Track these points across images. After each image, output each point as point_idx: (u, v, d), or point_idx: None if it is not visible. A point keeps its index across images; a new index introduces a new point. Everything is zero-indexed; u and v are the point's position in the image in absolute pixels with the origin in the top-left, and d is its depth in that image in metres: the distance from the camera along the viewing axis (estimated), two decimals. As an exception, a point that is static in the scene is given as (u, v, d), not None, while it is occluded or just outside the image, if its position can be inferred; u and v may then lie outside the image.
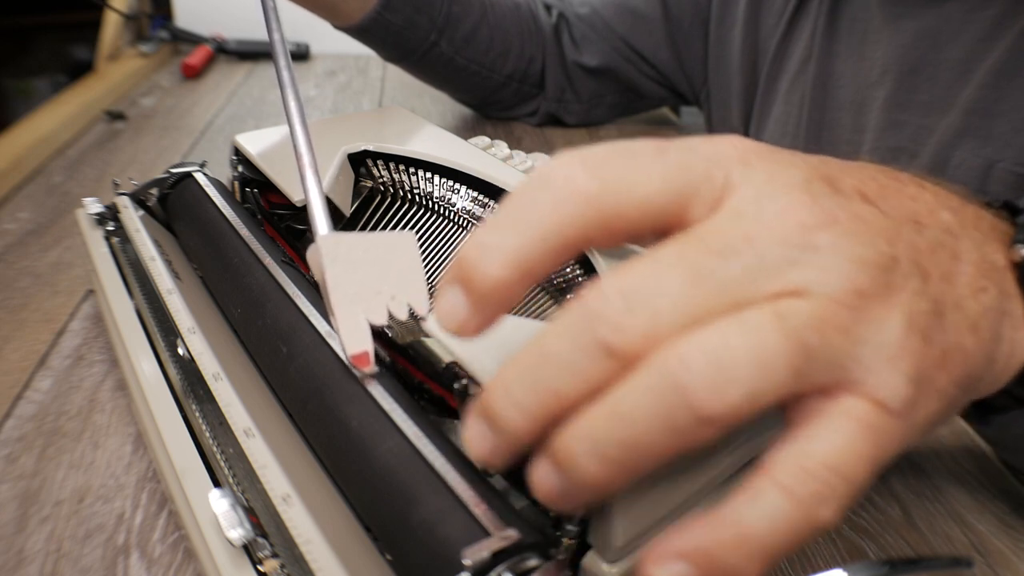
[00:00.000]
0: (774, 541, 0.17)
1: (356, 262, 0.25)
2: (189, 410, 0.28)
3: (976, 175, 0.44)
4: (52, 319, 0.40)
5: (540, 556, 0.20)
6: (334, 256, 0.24)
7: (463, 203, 0.39)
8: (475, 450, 0.18)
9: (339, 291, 0.24)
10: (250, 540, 0.22)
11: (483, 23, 0.65)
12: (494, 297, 0.18)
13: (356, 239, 0.25)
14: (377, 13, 0.58)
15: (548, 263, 0.18)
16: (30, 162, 0.59)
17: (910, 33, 0.48)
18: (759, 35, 0.61)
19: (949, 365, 0.19)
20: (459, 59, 0.65)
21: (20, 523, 0.28)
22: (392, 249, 0.25)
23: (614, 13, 0.69)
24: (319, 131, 0.42)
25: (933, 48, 0.47)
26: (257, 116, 0.74)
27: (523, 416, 0.17)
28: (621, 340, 0.16)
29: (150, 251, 0.35)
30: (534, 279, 0.18)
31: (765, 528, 0.17)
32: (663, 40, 0.68)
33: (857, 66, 0.52)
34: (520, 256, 0.18)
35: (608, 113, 0.75)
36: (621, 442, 0.16)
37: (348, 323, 0.24)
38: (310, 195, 0.27)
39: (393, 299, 0.25)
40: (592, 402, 0.17)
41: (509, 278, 0.18)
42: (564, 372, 0.17)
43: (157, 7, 0.98)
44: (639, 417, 0.16)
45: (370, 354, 0.25)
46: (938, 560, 0.27)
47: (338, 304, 0.24)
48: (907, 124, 0.48)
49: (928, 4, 0.47)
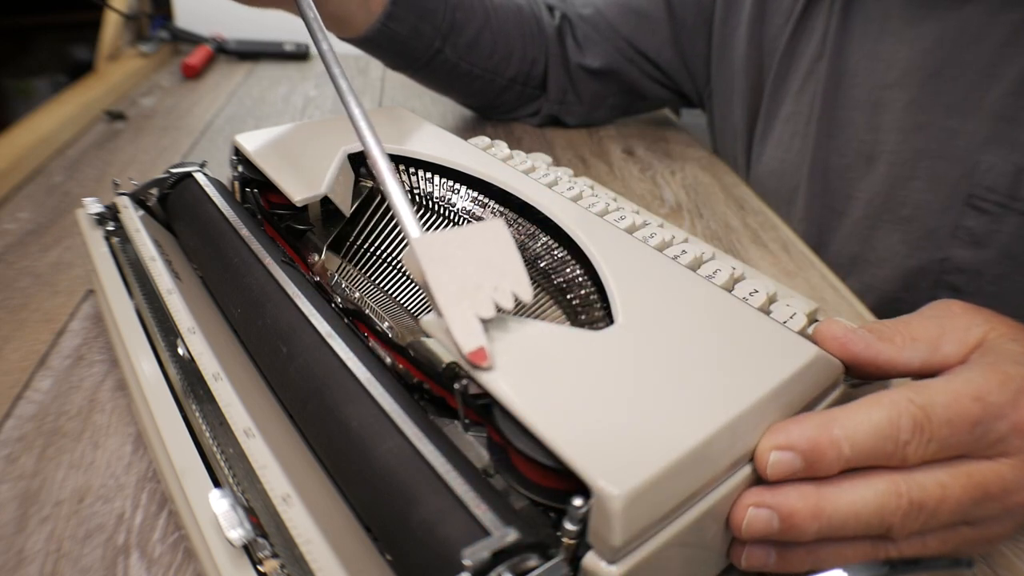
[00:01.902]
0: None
1: (453, 259, 0.24)
2: (189, 410, 0.28)
3: (1006, 180, 0.45)
4: (52, 319, 0.40)
5: (540, 556, 0.20)
6: (431, 256, 0.24)
7: (463, 203, 0.39)
8: (754, 529, 0.24)
9: (443, 291, 0.23)
10: (250, 540, 0.22)
11: (486, 28, 0.65)
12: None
13: (448, 236, 0.25)
14: (382, 24, 0.59)
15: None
16: (30, 162, 0.59)
17: (930, 35, 0.48)
18: (765, 34, 0.61)
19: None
20: (463, 65, 0.65)
21: (20, 523, 0.28)
22: (484, 239, 0.25)
23: (618, 13, 0.68)
24: (319, 131, 0.42)
25: (955, 51, 0.47)
26: (257, 116, 0.74)
27: (813, 537, 0.24)
28: (895, 535, 0.24)
29: (150, 251, 0.35)
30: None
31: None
32: (667, 40, 0.68)
33: (872, 65, 0.52)
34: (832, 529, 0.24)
35: (609, 114, 0.75)
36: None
37: (459, 321, 0.23)
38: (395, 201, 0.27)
39: (496, 289, 0.25)
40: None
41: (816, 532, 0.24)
42: (845, 533, 0.24)
43: (157, 7, 0.98)
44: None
45: (487, 349, 0.23)
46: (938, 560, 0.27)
47: (446, 304, 0.23)
48: (931, 126, 0.49)
49: (949, 7, 0.47)
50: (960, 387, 0.24)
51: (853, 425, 0.23)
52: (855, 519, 0.23)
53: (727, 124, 0.69)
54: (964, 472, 0.24)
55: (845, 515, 0.23)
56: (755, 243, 0.54)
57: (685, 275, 0.30)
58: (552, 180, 0.39)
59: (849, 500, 0.23)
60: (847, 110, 0.54)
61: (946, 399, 0.24)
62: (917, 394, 0.24)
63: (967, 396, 0.24)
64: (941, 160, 0.48)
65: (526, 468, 0.23)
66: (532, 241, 0.36)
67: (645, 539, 0.21)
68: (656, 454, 0.21)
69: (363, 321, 0.32)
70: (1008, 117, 0.44)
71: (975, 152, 0.46)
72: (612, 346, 0.25)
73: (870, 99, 0.52)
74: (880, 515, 0.23)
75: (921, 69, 0.48)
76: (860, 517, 0.23)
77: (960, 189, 0.48)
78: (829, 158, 0.56)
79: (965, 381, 0.24)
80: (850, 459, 0.23)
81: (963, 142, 0.47)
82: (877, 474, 0.24)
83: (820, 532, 0.23)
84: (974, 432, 0.24)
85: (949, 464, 0.24)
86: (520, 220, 0.37)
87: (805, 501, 0.23)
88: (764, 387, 0.24)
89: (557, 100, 0.72)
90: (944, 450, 0.24)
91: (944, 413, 0.23)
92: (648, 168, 0.66)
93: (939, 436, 0.23)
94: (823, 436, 0.23)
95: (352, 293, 0.34)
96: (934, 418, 0.23)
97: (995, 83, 0.45)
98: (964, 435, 0.24)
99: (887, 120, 0.51)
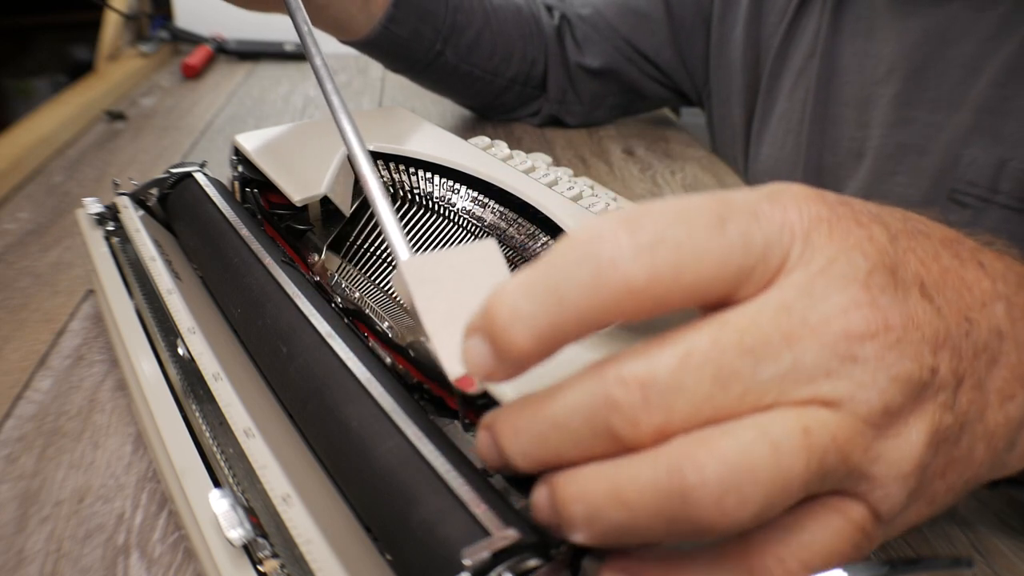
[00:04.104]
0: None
1: (442, 281, 0.23)
2: (189, 410, 0.28)
3: (988, 173, 0.45)
4: (52, 319, 0.40)
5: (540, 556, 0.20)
6: (419, 279, 0.23)
7: (463, 203, 0.39)
8: (484, 456, 0.20)
9: (431, 314, 0.23)
10: (250, 540, 0.22)
11: (486, 29, 0.65)
12: (519, 361, 0.18)
13: (438, 258, 0.24)
14: (383, 27, 0.59)
15: (575, 336, 0.18)
16: (30, 162, 0.59)
17: (917, 31, 0.48)
18: (761, 33, 0.61)
19: (950, 474, 0.19)
20: (464, 66, 0.66)
21: (20, 523, 0.28)
22: (475, 260, 0.24)
23: (616, 13, 0.69)
24: (319, 131, 0.42)
25: (941, 46, 0.47)
26: (257, 116, 0.74)
27: (525, 460, 0.19)
28: (632, 434, 0.17)
29: (150, 251, 0.35)
30: (560, 347, 0.18)
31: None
32: (666, 39, 0.68)
33: (862, 63, 0.52)
34: (550, 331, 0.17)
35: (609, 114, 0.75)
36: (615, 523, 0.17)
37: (447, 346, 0.22)
38: (384, 222, 0.27)
39: None
40: (596, 463, 0.17)
41: (535, 349, 0.17)
42: (570, 442, 0.18)
43: (157, 7, 0.98)
44: (638, 508, 0.16)
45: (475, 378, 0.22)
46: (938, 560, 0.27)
47: (433, 329, 0.22)
48: (915, 121, 0.49)
49: (935, 3, 0.47)
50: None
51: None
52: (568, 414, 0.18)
53: (725, 123, 0.69)
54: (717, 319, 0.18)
55: (555, 414, 0.18)
56: (755, 243, 0.54)
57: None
58: (552, 180, 0.39)
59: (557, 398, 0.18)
60: (838, 107, 0.54)
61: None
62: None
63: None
64: (924, 155, 0.48)
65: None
66: (532, 241, 0.36)
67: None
68: (656, 454, 0.21)
69: (363, 321, 0.32)
70: (991, 108, 0.44)
71: (958, 146, 0.46)
72: (612, 346, 0.25)
73: (860, 96, 0.52)
74: (591, 404, 0.17)
75: (907, 64, 0.49)
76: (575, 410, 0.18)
77: (942, 184, 0.47)
78: (822, 156, 0.56)
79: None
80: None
81: (946, 136, 0.47)
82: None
83: (533, 444, 0.18)
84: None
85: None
86: (520, 220, 0.37)
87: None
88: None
89: (557, 100, 0.72)
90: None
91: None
92: (648, 168, 0.66)
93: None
94: None
95: (352, 293, 0.34)
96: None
97: (979, 76, 0.45)
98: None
99: (875, 116, 0.51)
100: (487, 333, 0.18)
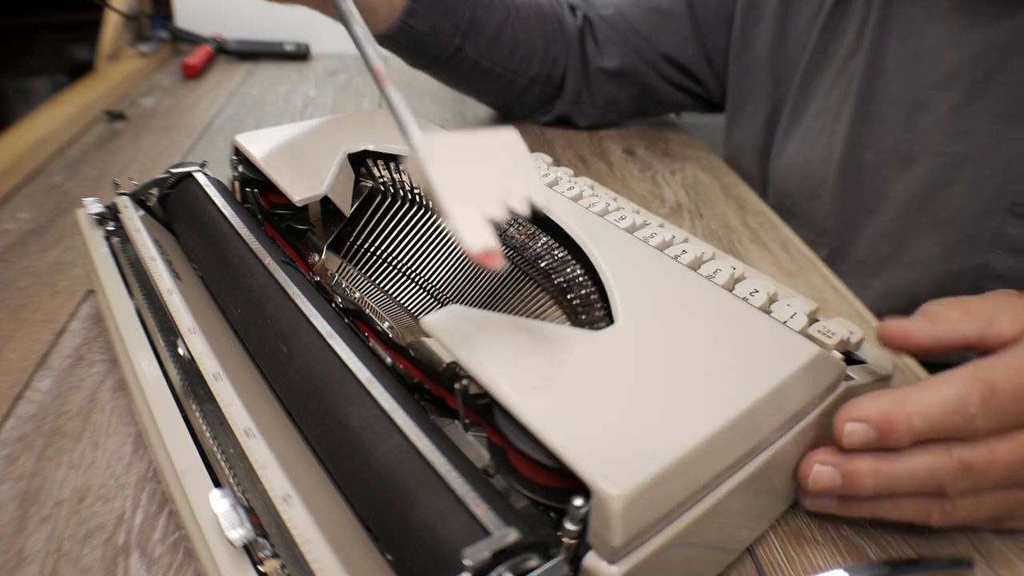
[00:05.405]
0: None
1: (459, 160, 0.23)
2: (189, 410, 0.28)
3: None
4: (52, 319, 0.40)
5: (540, 556, 0.20)
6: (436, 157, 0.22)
7: (463, 203, 0.39)
8: (819, 484, 0.26)
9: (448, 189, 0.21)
10: (250, 540, 0.22)
11: (507, 26, 0.65)
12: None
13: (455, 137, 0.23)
14: (402, 22, 0.58)
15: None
16: (30, 162, 0.59)
17: (980, 41, 0.48)
18: (791, 29, 0.61)
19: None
20: (484, 63, 0.65)
21: (20, 523, 0.28)
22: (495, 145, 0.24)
23: (638, 13, 0.68)
24: (319, 131, 0.42)
25: (1005, 58, 0.47)
26: (257, 116, 0.74)
27: (864, 492, 0.26)
28: (941, 521, 0.27)
29: (150, 251, 0.35)
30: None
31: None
32: (689, 37, 0.68)
33: (911, 65, 0.52)
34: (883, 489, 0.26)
35: (620, 118, 0.75)
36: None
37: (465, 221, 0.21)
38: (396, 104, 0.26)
39: (508, 193, 0.23)
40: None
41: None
42: (901, 490, 0.26)
43: (157, 7, 0.98)
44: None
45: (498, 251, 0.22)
46: (938, 560, 0.27)
47: (450, 202, 0.21)
48: (976, 131, 0.49)
49: (1000, 15, 0.47)
50: (1020, 362, 0.26)
51: (924, 401, 0.25)
52: (910, 477, 0.25)
53: (742, 115, 0.68)
54: (1015, 438, 0.25)
55: (900, 473, 0.25)
56: (755, 243, 0.54)
57: (686, 275, 0.30)
58: (552, 180, 0.39)
59: (905, 460, 0.26)
60: (883, 105, 0.54)
61: (1008, 373, 0.25)
62: (981, 370, 0.26)
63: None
64: (985, 166, 0.48)
65: (526, 468, 0.23)
66: (532, 241, 0.36)
67: (645, 539, 0.21)
68: (656, 454, 0.21)
69: (363, 321, 0.32)
70: None
71: (1021, 160, 0.46)
72: (612, 346, 0.25)
73: (909, 98, 0.52)
74: (931, 473, 0.25)
75: (968, 74, 0.48)
76: (915, 475, 0.25)
77: (1003, 196, 0.47)
78: (863, 154, 0.55)
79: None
80: (920, 432, 0.25)
81: (1009, 149, 0.47)
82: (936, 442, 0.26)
83: (877, 489, 0.26)
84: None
85: (1007, 433, 0.26)
86: (520, 220, 0.37)
87: (865, 461, 0.26)
88: (764, 387, 0.24)
89: (571, 101, 0.71)
90: (1006, 421, 0.25)
91: (1007, 386, 0.25)
92: (648, 168, 0.66)
93: (1002, 408, 0.25)
94: (896, 410, 0.25)
95: (352, 293, 0.34)
96: (999, 392, 0.25)
97: None
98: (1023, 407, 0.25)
99: (928, 121, 0.51)
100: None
